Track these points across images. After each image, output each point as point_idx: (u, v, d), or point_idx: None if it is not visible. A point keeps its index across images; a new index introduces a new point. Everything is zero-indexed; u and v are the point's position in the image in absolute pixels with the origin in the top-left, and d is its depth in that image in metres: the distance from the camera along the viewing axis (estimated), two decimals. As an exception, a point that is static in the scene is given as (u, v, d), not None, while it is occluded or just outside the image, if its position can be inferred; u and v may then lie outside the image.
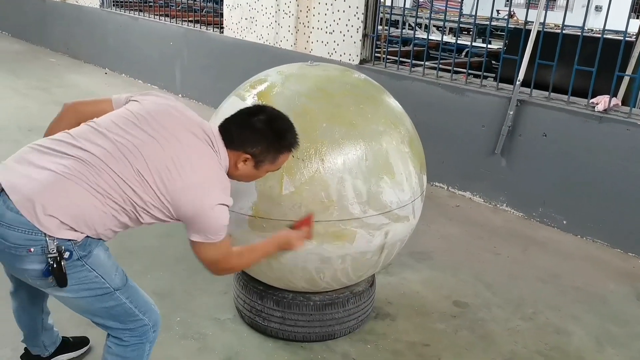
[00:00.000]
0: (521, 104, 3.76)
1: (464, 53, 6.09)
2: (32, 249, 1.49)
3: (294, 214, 2.00)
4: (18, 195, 1.48)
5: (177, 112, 1.69)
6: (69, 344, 2.23)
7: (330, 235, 2.04)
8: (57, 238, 1.50)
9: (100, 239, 1.62)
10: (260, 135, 1.71)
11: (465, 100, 4.06)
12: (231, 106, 2.22)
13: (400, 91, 3.68)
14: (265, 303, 2.36)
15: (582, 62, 3.53)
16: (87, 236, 1.57)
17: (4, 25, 10.90)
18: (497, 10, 10.67)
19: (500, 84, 4.00)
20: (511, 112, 3.75)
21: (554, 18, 6.37)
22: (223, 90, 2.71)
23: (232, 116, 1.77)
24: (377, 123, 2.15)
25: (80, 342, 2.27)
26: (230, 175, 1.74)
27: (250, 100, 2.18)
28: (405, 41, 5.93)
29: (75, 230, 1.53)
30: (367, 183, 2.04)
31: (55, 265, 1.50)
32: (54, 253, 1.49)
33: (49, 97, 6.42)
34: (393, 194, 2.10)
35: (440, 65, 4.31)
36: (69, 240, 1.52)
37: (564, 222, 3.68)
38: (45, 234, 1.48)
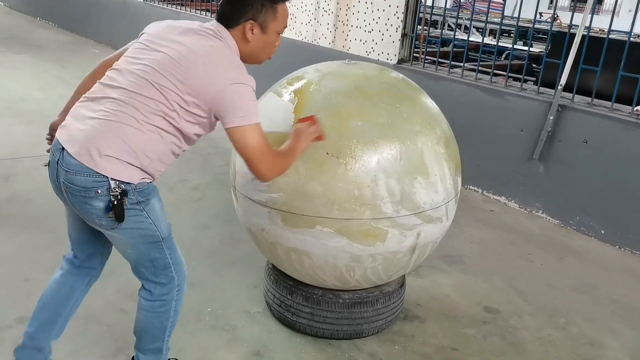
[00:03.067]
0: (562, 109, 3.68)
1: (504, 55, 5.99)
2: (99, 190, 1.66)
3: (327, 210, 2.01)
4: (74, 146, 1.67)
5: (177, 23, 1.82)
6: None
7: (361, 233, 2.05)
8: (118, 180, 1.66)
9: (154, 178, 1.78)
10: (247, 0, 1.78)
11: (504, 104, 4.00)
12: (268, 102, 2.25)
13: (438, 92, 3.64)
14: (295, 298, 2.38)
15: (627, 68, 3.43)
16: (147, 182, 1.74)
17: (50, 16, 11.24)
18: (540, 13, 10.45)
19: (541, 88, 3.92)
20: (551, 117, 3.68)
21: (599, 22, 6.20)
22: (260, 87, 2.73)
23: (220, 3, 1.87)
24: (413, 123, 2.14)
25: None
26: (245, 56, 1.83)
27: (287, 97, 2.20)
28: (445, 42, 5.86)
29: (133, 166, 1.68)
30: (400, 183, 2.03)
31: (115, 202, 1.66)
32: (116, 191, 1.66)
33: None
34: (427, 194, 2.09)
35: (480, 67, 4.26)
36: (129, 183, 1.68)
37: (602, 231, 3.59)
38: (106, 176, 1.65)
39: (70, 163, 1.66)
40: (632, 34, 3.43)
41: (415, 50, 4.71)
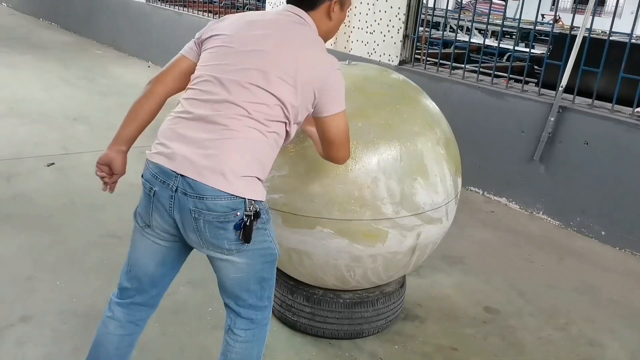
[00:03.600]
0: (563, 111, 3.69)
1: (505, 57, 6.00)
2: (238, 213, 1.55)
3: (327, 211, 2.02)
4: (204, 172, 1.52)
5: (252, 16, 1.71)
6: None
7: (362, 234, 2.06)
8: (253, 200, 1.56)
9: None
10: None
11: (505, 105, 4.01)
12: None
13: (439, 93, 3.66)
14: (296, 298, 2.39)
15: (628, 69, 3.43)
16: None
17: (53, 17, 11.28)
18: (542, 15, 10.45)
19: (542, 89, 3.93)
20: (552, 119, 3.69)
21: (601, 24, 6.21)
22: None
23: None
24: (413, 124, 2.15)
25: None
26: (322, 36, 1.74)
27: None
28: (446, 43, 5.87)
29: (261, 181, 1.60)
30: (400, 184, 2.05)
31: (247, 223, 1.55)
32: (251, 212, 1.55)
33: (95, 87, 6.63)
34: (427, 195, 2.10)
35: (481, 69, 4.26)
36: (261, 201, 1.60)
37: (603, 232, 3.59)
38: (243, 197, 1.54)
39: (204, 189, 1.51)
40: (634, 35, 3.43)
41: (416, 51, 4.73)
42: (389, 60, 4.72)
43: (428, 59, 4.65)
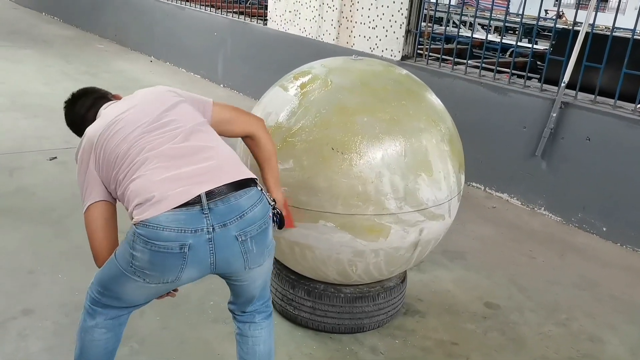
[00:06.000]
0: (565, 107, 3.68)
1: (508, 53, 5.99)
2: (270, 214, 1.65)
3: (331, 205, 2.02)
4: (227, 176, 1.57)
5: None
6: None
7: (365, 229, 2.06)
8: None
9: None
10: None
11: (507, 101, 4.00)
12: (274, 97, 2.26)
13: (441, 89, 3.65)
14: (297, 292, 2.40)
15: (631, 65, 3.43)
16: None
17: (56, 11, 11.26)
18: (546, 10, 10.42)
19: (544, 85, 3.93)
20: (554, 114, 3.68)
21: (605, 20, 6.19)
22: (264, 82, 2.76)
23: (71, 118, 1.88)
24: (418, 120, 2.15)
25: None
26: None
27: (292, 92, 2.21)
28: (449, 39, 5.86)
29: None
30: (404, 179, 2.05)
31: (276, 212, 1.73)
32: (273, 202, 1.72)
33: (97, 82, 6.61)
34: (430, 191, 2.10)
35: (484, 64, 4.26)
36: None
37: (604, 229, 3.60)
38: (257, 186, 1.62)
39: (240, 203, 1.54)
40: (636, 31, 3.43)
41: (419, 46, 4.72)
42: (391, 55, 4.71)
43: (430, 54, 4.64)
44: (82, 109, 1.84)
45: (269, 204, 1.66)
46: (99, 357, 1.74)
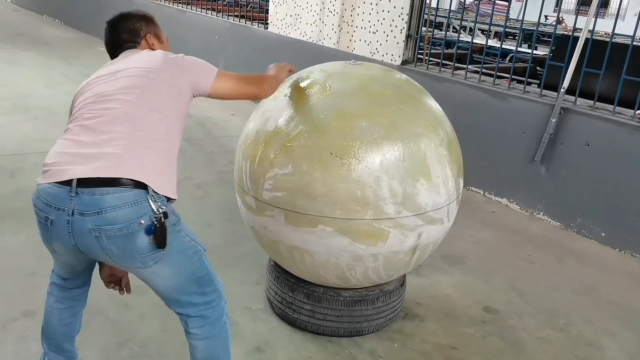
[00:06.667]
0: (565, 112, 3.70)
1: (508, 58, 6.01)
2: (142, 221, 1.55)
3: (330, 210, 2.04)
4: (98, 170, 1.57)
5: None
6: None
7: (363, 233, 2.07)
8: (157, 195, 1.58)
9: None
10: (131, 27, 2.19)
11: (506, 106, 4.02)
12: (273, 102, 2.28)
13: (441, 94, 3.67)
14: (296, 296, 2.41)
15: (630, 71, 3.44)
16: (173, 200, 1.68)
17: (57, 13, 11.30)
18: (546, 16, 10.44)
19: (544, 90, 3.94)
20: (554, 120, 3.70)
21: (604, 26, 6.21)
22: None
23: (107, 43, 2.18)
24: (416, 125, 2.16)
25: None
26: None
27: (291, 97, 2.23)
28: (449, 44, 5.88)
29: (162, 176, 1.64)
30: (403, 184, 2.06)
31: (158, 225, 1.56)
32: (159, 213, 1.56)
33: (98, 85, 6.63)
34: (428, 196, 2.11)
35: (483, 70, 4.27)
36: (168, 199, 1.63)
37: (603, 234, 3.60)
38: (147, 192, 1.56)
39: (104, 200, 1.53)
40: (636, 37, 3.44)
41: (419, 51, 4.74)
42: (391, 60, 4.73)
43: (430, 59, 4.66)
44: (111, 42, 2.18)
45: (154, 213, 1.56)
46: (54, 327, 1.94)
